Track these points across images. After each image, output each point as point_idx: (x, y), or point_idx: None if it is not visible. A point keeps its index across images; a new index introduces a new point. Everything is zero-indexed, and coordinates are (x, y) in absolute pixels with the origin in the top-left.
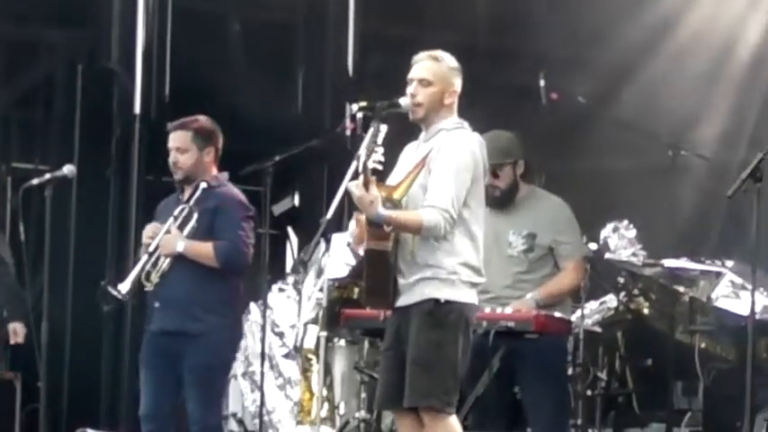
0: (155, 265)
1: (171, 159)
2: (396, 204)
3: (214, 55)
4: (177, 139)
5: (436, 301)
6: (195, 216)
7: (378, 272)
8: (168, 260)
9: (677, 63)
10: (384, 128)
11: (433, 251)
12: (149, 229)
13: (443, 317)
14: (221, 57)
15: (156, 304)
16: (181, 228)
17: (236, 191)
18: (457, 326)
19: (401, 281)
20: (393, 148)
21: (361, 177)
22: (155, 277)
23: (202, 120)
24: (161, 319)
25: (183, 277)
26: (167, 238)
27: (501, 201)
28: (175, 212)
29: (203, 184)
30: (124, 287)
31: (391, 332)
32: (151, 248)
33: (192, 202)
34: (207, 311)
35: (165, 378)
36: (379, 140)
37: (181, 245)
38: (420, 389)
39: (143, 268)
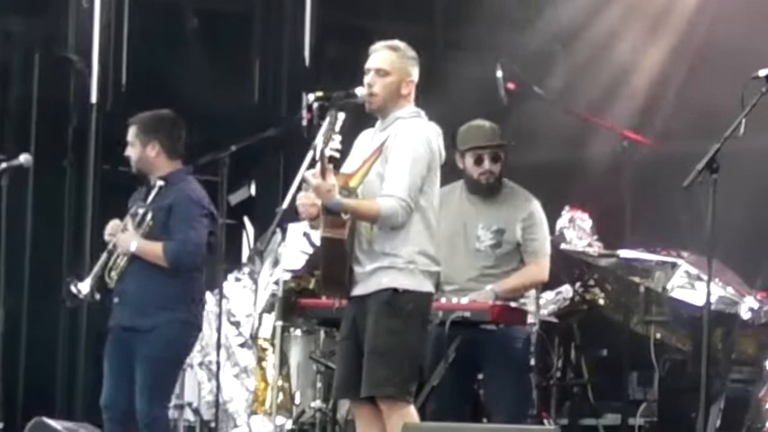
0: (115, 262)
1: (126, 154)
2: (352, 192)
3: (171, 44)
4: (128, 133)
5: (394, 290)
6: (150, 215)
7: (333, 260)
8: (125, 258)
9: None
10: (342, 116)
11: (389, 239)
12: (110, 226)
13: (401, 306)
14: (178, 46)
15: (115, 300)
16: (139, 225)
17: (192, 187)
18: (415, 315)
19: (358, 270)
20: (350, 137)
21: (318, 166)
22: (114, 274)
23: (148, 114)
24: (118, 314)
25: (137, 275)
26: (123, 236)
27: (490, 189)
28: (132, 211)
29: (160, 182)
30: (84, 287)
31: (348, 322)
32: (110, 246)
33: (149, 201)
34: (158, 308)
35: (121, 371)
36: (337, 128)
37: (134, 244)
38: (378, 378)
39: (104, 265)
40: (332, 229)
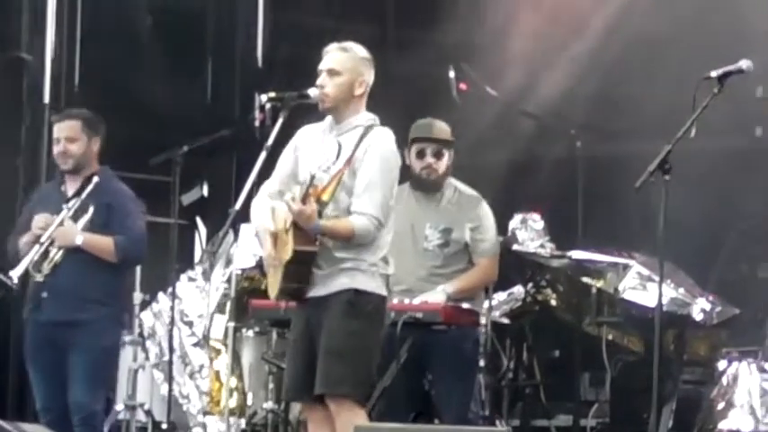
0: (44, 255)
1: (59, 149)
2: (324, 206)
3: (124, 44)
4: (67, 128)
5: (356, 291)
6: (91, 209)
7: (301, 270)
8: (61, 251)
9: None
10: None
11: (353, 246)
12: (41, 219)
13: (362, 307)
14: (131, 46)
15: (45, 294)
16: (74, 220)
17: (124, 186)
18: (373, 317)
19: (317, 272)
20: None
21: (299, 190)
22: (46, 268)
23: (85, 111)
24: (51, 309)
25: (74, 268)
26: (63, 230)
27: (433, 185)
28: (69, 204)
29: (96, 178)
30: (15, 273)
31: (300, 322)
32: (44, 239)
33: (84, 196)
34: (95, 302)
35: (54, 369)
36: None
37: (80, 238)
38: (334, 376)
39: (33, 258)
40: (304, 243)
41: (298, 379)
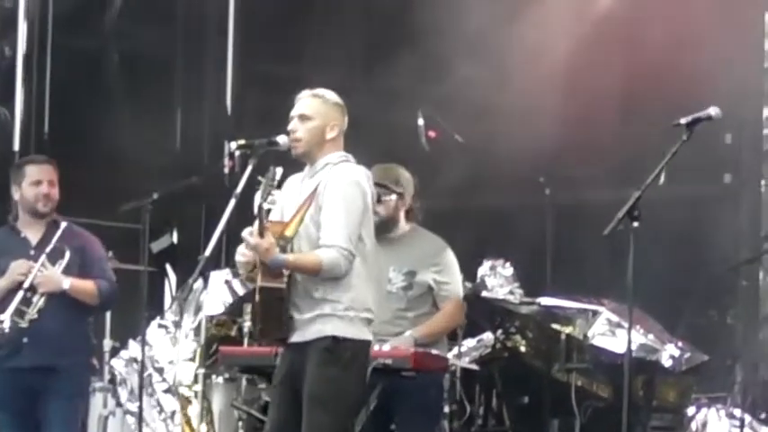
0: (26, 301)
1: (42, 191)
2: (288, 241)
3: (93, 91)
4: (49, 171)
5: (334, 338)
6: (68, 254)
7: (272, 309)
8: (44, 297)
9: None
10: (279, 171)
11: (330, 287)
12: (21, 265)
13: (340, 354)
14: (100, 93)
15: (26, 340)
16: (52, 264)
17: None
18: (354, 363)
19: (297, 316)
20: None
21: (256, 224)
22: (32, 313)
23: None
24: (32, 355)
25: (56, 314)
26: (48, 275)
27: (378, 229)
28: (47, 250)
29: (63, 224)
30: (5, 324)
31: (284, 367)
32: (26, 285)
33: (56, 240)
34: (74, 348)
35: (29, 414)
36: (275, 184)
37: (66, 282)
38: (316, 424)
39: (16, 305)
40: (271, 280)
41: (279, 425)
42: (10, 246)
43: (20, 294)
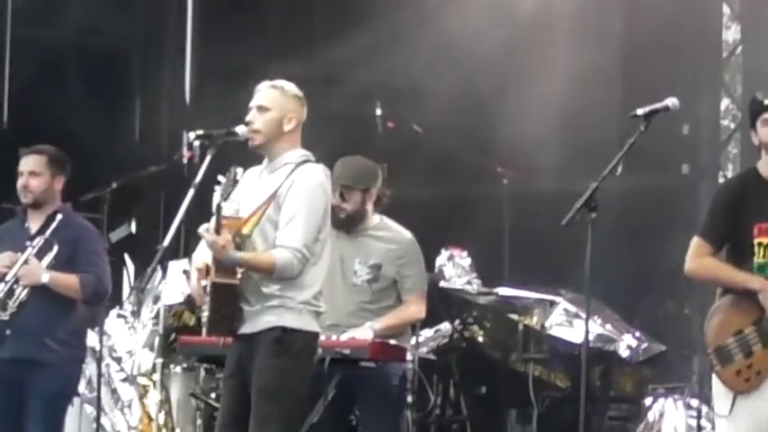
0: (10, 293)
1: (21, 183)
2: (244, 239)
3: (52, 82)
4: (31, 162)
5: (283, 328)
6: (56, 247)
7: (224, 304)
8: (27, 289)
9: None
10: (240, 170)
11: (284, 284)
12: (5, 257)
13: (290, 345)
14: (59, 84)
15: (8, 332)
16: (38, 258)
17: (88, 222)
18: (302, 354)
19: (246, 308)
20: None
21: (213, 221)
22: (12, 306)
23: (52, 147)
24: (13, 346)
25: (39, 307)
26: (29, 268)
27: (345, 224)
28: (34, 242)
29: (59, 216)
30: None
31: (234, 359)
32: (9, 277)
33: (48, 233)
34: (60, 342)
35: (7, 407)
36: (235, 183)
37: (45, 276)
38: (264, 415)
39: None
40: (224, 275)
41: (230, 416)
42: (12, 233)
43: (3, 286)
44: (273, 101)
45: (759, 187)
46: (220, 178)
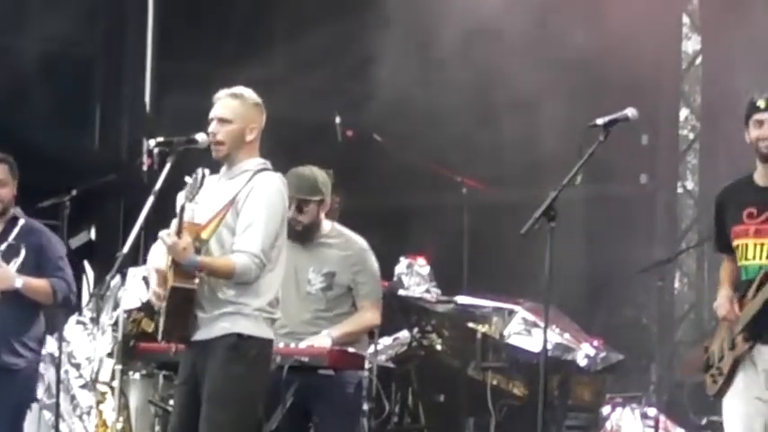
0: None
1: None
2: (203, 244)
3: (12, 89)
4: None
5: (239, 335)
6: (23, 252)
7: (180, 309)
8: None
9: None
10: (206, 172)
11: (240, 290)
12: None
13: (245, 352)
14: (19, 91)
15: None
16: (5, 262)
17: (46, 228)
18: (258, 361)
19: (201, 315)
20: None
21: (174, 224)
22: None
23: (3, 154)
24: None
25: (7, 311)
26: (2, 272)
27: (302, 235)
28: (1, 247)
29: (21, 220)
30: None
31: (187, 366)
32: None
33: (13, 238)
34: (25, 347)
35: None
36: (201, 186)
37: (19, 281)
38: (218, 423)
39: None
40: (182, 280)
41: (183, 423)
42: None
43: None
44: (235, 112)
45: (744, 189)
46: (187, 179)
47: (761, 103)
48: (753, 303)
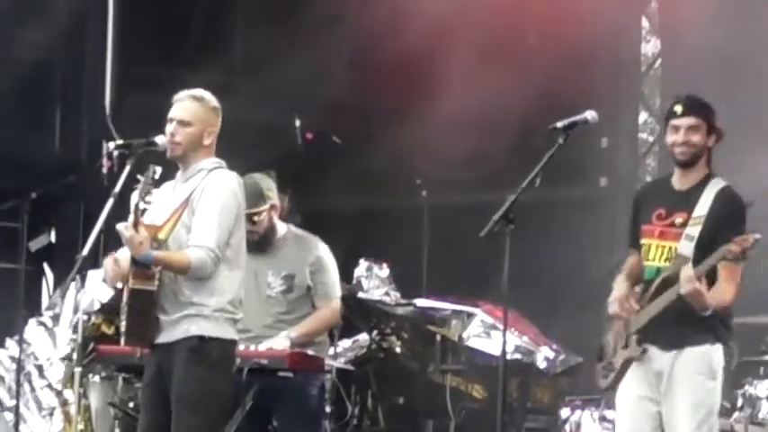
0: None
1: None
2: (161, 244)
3: None
4: None
5: (200, 337)
6: None
7: (141, 311)
8: None
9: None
10: (159, 169)
11: (196, 290)
12: None
13: (207, 353)
14: None
15: None
16: None
17: None
18: (220, 362)
19: (163, 318)
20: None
21: (131, 218)
22: None
23: None
24: None
25: None
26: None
27: (260, 245)
28: None
29: None
30: None
31: (152, 369)
32: None
33: None
34: None
35: None
36: (154, 183)
37: None
38: (184, 425)
39: None
40: (141, 281)
41: (150, 425)
42: None
43: None
44: (194, 115)
45: (658, 190)
46: (139, 177)
47: (677, 109)
48: (650, 307)
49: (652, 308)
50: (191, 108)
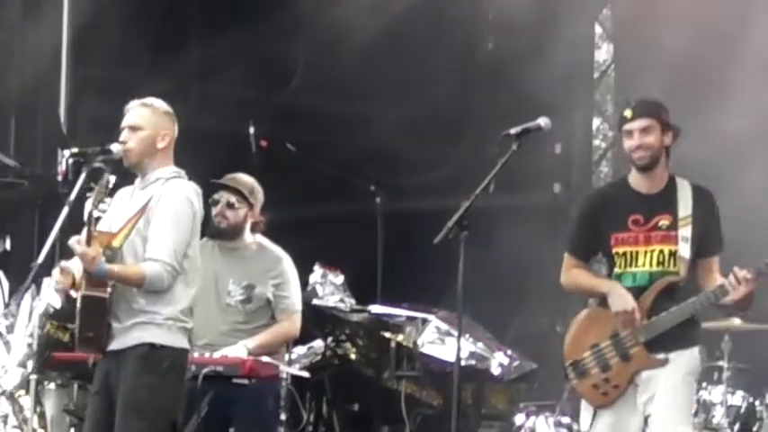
0: None
1: None
2: (115, 252)
3: None
4: None
5: (151, 345)
6: None
7: (93, 318)
8: None
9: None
10: (112, 178)
11: (150, 299)
12: None
13: (158, 362)
14: None
15: None
16: None
17: None
18: (171, 371)
19: (116, 325)
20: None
21: (84, 232)
22: None
23: None
24: None
25: None
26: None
27: (223, 234)
28: None
29: None
30: None
31: (101, 376)
32: None
33: None
34: None
35: None
36: (107, 191)
37: None
38: (130, 430)
39: None
40: (94, 288)
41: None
42: None
43: None
44: (146, 119)
45: (624, 196)
46: (92, 185)
47: (627, 113)
48: (665, 317)
49: (669, 317)
50: (141, 113)
